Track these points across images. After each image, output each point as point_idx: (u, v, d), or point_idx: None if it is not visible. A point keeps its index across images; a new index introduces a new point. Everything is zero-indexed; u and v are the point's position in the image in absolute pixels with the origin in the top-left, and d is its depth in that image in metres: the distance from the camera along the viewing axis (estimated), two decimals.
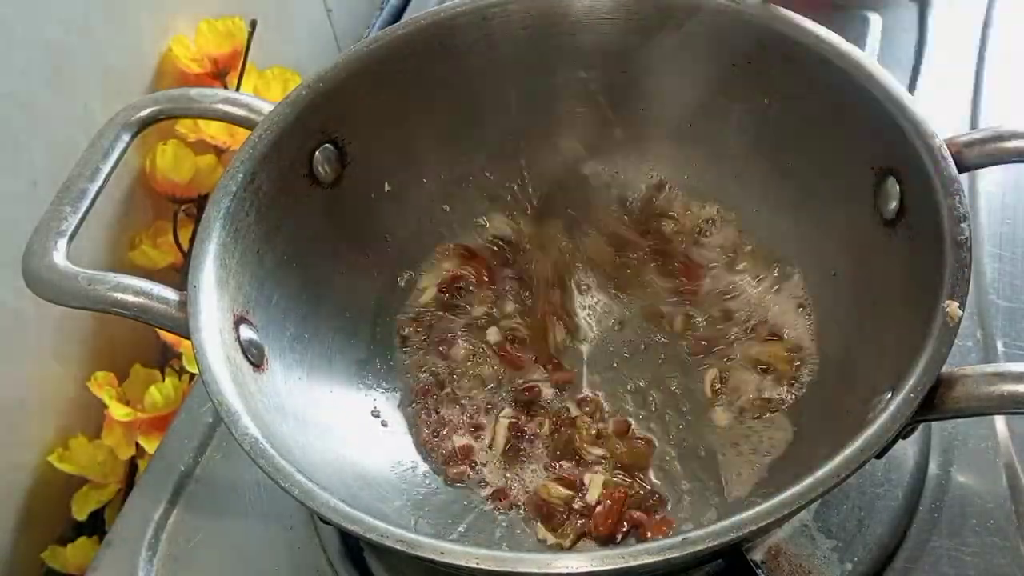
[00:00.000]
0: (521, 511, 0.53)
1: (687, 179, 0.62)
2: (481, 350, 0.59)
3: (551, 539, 0.52)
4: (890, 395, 0.42)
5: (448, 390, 0.58)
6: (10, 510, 0.65)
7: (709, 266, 0.61)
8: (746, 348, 0.57)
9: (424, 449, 0.55)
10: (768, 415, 0.54)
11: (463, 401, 0.57)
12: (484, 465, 0.55)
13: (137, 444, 0.66)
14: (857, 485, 0.52)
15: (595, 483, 0.53)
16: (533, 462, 0.55)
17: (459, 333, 0.60)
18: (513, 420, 0.56)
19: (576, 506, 0.52)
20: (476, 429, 0.56)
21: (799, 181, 0.57)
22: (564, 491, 0.53)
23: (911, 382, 0.41)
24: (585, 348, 0.59)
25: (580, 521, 0.52)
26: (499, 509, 0.53)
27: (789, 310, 0.57)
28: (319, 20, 0.91)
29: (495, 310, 0.61)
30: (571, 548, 0.51)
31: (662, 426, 0.55)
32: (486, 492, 0.54)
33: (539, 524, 0.52)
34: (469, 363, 0.59)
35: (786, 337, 0.57)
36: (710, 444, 0.54)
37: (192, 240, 0.53)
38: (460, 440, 0.55)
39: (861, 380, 0.50)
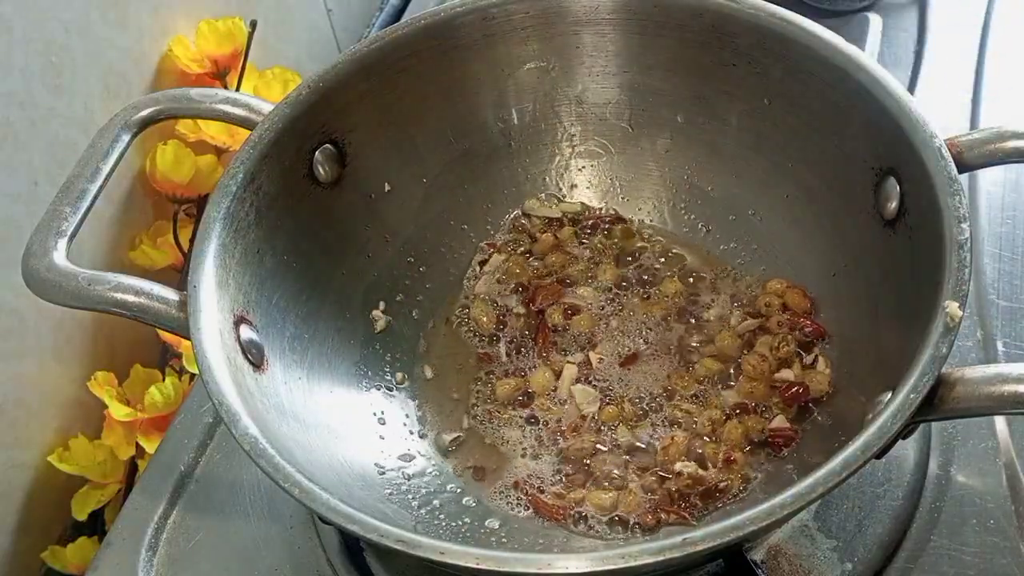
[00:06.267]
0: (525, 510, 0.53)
1: (686, 178, 0.62)
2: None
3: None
4: (890, 395, 0.42)
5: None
6: (10, 510, 0.65)
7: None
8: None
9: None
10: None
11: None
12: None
13: (137, 444, 0.66)
14: (857, 485, 0.52)
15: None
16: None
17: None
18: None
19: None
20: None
21: (799, 181, 0.57)
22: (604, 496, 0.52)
23: (911, 382, 0.41)
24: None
25: None
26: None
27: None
28: (319, 20, 0.91)
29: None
30: None
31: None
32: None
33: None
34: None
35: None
36: None
37: (192, 240, 0.53)
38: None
39: (861, 380, 0.50)
